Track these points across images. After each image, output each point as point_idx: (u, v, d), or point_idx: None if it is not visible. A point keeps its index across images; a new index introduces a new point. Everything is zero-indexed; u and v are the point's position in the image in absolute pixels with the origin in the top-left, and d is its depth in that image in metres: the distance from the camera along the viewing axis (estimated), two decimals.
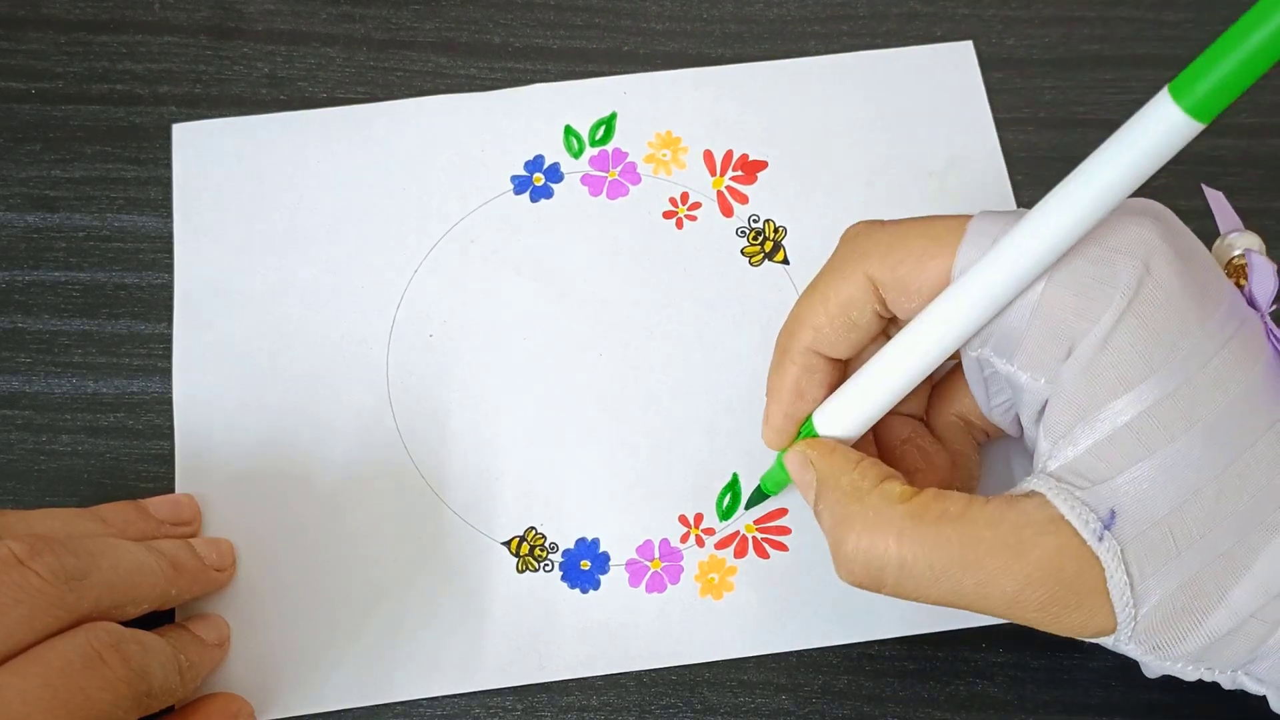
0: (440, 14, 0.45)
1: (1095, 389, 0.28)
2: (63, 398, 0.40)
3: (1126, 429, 0.27)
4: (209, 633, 0.35)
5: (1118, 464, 0.27)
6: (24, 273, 0.41)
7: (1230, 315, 0.28)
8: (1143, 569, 0.27)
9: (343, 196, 0.42)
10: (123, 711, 0.29)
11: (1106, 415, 0.27)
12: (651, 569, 0.37)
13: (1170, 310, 0.27)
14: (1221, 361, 0.27)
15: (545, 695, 0.36)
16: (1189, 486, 0.27)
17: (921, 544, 0.28)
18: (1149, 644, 0.28)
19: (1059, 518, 0.28)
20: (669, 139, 0.43)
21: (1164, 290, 0.27)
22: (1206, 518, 0.27)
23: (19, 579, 0.29)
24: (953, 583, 0.28)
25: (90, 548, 0.31)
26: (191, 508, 0.37)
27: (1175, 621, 0.28)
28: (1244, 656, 0.28)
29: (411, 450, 0.39)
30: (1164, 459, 0.27)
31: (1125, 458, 0.27)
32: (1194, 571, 0.27)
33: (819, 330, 0.32)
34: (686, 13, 0.45)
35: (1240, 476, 0.27)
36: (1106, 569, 0.27)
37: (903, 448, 0.35)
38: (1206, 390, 0.27)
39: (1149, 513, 0.27)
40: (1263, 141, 0.43)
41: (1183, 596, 0.27)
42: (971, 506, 0.29)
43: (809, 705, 0.36)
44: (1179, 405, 0.27)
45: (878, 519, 0.29)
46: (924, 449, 0.35)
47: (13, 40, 0.44)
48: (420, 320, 0.40)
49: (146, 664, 0.30)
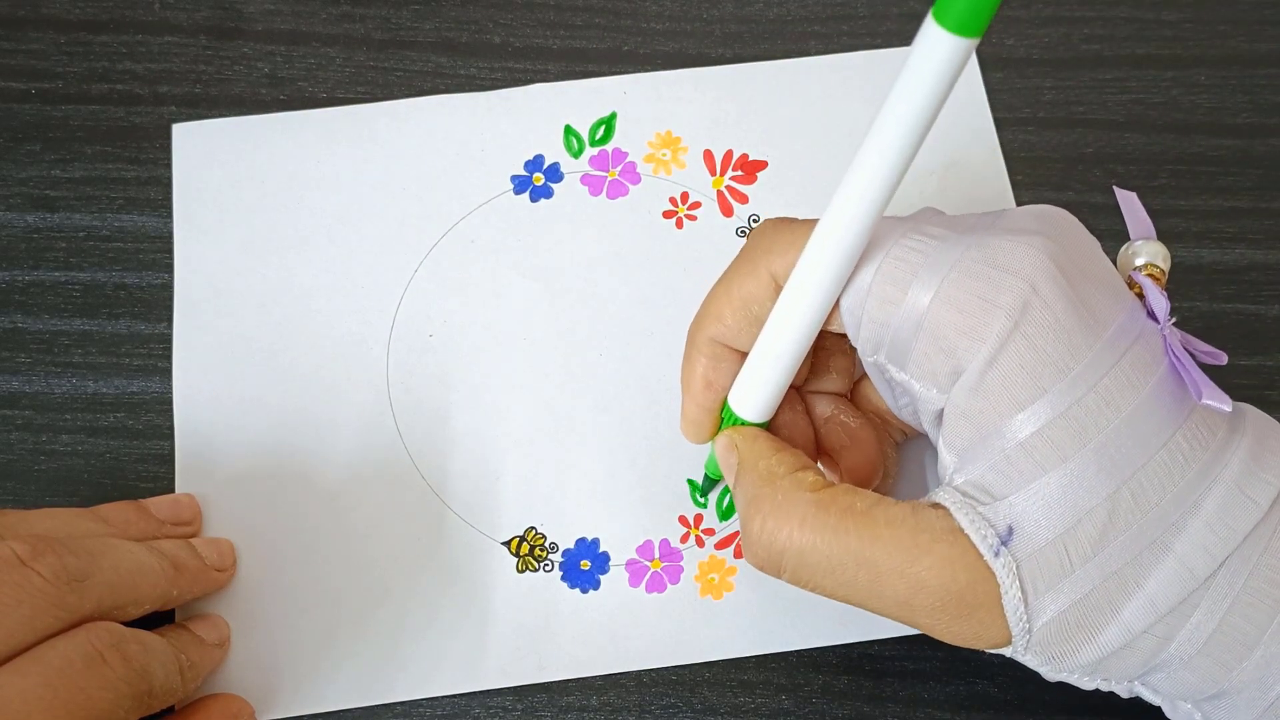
0: (440, 14, 0.45)
1: (988, 407, 0.28)
2: (63, 398, 0.40)
3: (1021, 448, 0.27)
4: (209, 633, 0.35)
5: (1015, 481, 0.28)
6: (24, 273, 0.41)
7: (1122, 334, 0.28)
8: (1036, 585, 0.27)
9: (343, 196, 0.42)
10: (124, 711, 0.29)
11: (1003, 432, 0.28)
12: (651, 569, 0.37)
13: (1058, 333, 0.27)
14: (1113, 382, 0.27)
15: (545, 695, 0.36)
16: (1082, 506, 0.27)
17: (821, 534, 0.29)
18: (1044, 655, 0.28)
19: (958, 530, 0.28)
20: (669, 139, 0.43)
21: (1051, 313, 0.27)
22: (1099, 537, 0.27)
23: (21, 579, 0.29)
24: (847, 576, 0.29)
25: (91, 548, 0.31)
26: (192, 507, 0.37)
27: (1069, 636, 0.28)
28: (1138, 669, 0.29)
29: (411, 450, 0.39)
30: (1058, 478, 0.27)
31: (1022, 476, 0.27)
32: (1087, 589, 0.27)
33: (723, 322, 0.32)
34: (686, 13, 0.45)
35: (1133, 495, 0.27)
36: (1001, 584, 0.27)
37: (827, 425, 0.35)
38: (1098, 410, 0.27)
39: (1044, 531, 0.27)
40: (1262, 141, 0.43)
41: (1076, 613, 0.28)
42: (877, 506, 0.29)
43: (809, 705, 0.36)
44: (1070, 426, 0.27)
45: (785, 504, 0.30)
46: (848, 425, 0.35)
47: (13, 40, 0.44)
48: (420, 320, 0.40)
49: (147, 664, 0.30)
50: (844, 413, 0.35)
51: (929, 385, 0.29)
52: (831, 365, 0.35)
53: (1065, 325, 0.27)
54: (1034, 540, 0.27)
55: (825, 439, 0.35)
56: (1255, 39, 0.45)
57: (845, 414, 0.35)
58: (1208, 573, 0.27)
